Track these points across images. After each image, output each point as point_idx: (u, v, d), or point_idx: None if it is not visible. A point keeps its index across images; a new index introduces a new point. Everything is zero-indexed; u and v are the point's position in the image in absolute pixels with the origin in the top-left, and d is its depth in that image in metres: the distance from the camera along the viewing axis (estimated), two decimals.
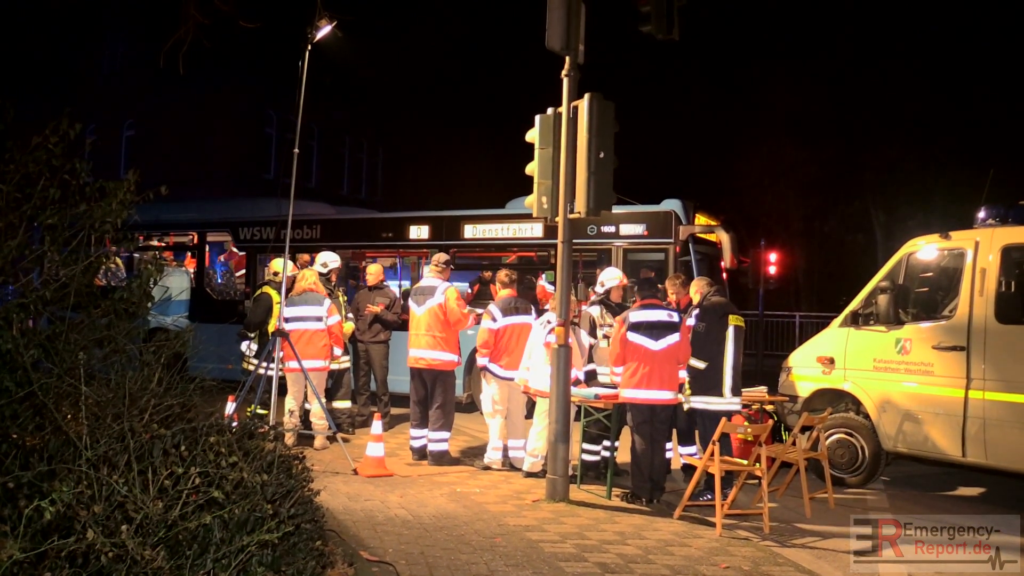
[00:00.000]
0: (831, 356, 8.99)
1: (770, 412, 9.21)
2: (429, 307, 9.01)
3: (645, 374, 7.61)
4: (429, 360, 8.97)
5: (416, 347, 9.03)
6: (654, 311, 7.79)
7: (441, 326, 8.95)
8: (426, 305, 9.05)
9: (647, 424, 7.67)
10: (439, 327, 8.96)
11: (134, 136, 27.39)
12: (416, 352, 9.04)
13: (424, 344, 8.98)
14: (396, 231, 13.37)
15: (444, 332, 8.96)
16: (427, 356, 8.98)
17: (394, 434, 10.64)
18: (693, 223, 11.42)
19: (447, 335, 8.98)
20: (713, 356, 7.69)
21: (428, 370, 8.99)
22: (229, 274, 15.59)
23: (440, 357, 8.96)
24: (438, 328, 8.96)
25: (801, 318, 23.08)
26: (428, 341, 8.97)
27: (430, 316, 8.99)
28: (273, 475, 4.36)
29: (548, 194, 7.76)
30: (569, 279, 7.75)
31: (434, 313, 8.98)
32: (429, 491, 7.75)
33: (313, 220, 13.94)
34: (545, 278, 12.74)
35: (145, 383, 4.76)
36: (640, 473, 7.65)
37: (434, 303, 9.00)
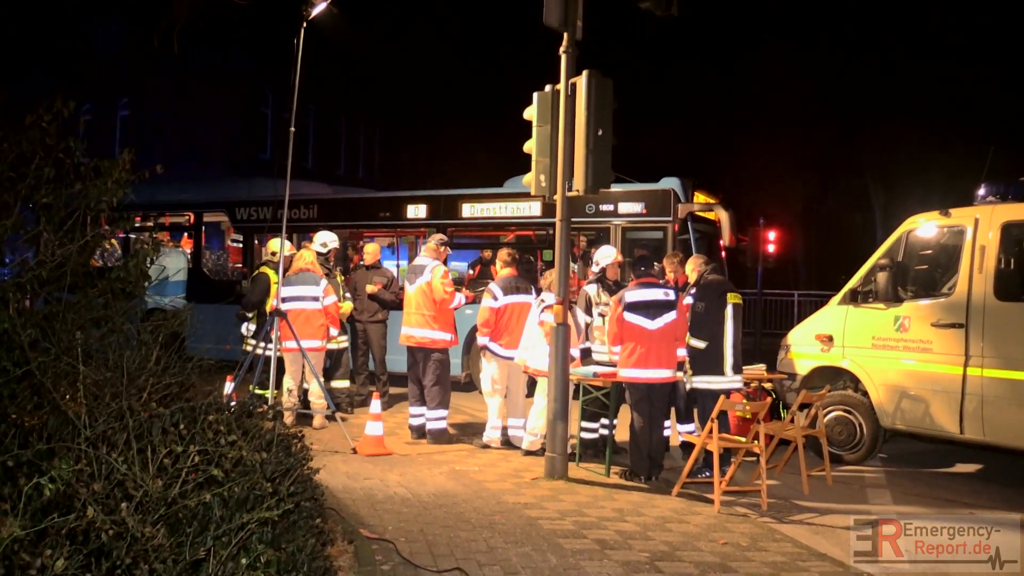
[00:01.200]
0: (830, 334, 9.00)
1: (768, 390, 9.23)
2: (418, 285, 9.06)
3: (642, 353, 7.62)
4: (418, 338, 9.00)
5: (407, 325, 9.10)
6: (650, 290, 7.79)
7: (429, 304, 8.98)
8: (416, 283, 9.09)
9: (645, 402, 7.70)
10: (427, 305, 8.99)
11: (129, 116, 27.28)
12: (407, 330, 9.09)
13: (414, 322, 9.03)
14: (393, 210, 13.35)
15: (432, 310, 8.98)
16: (416, 334, 9.01)
17: (393, 413, 10.67)
18: (692, 201, 11.40)
19: (436, 313, 8.99)
20: (713, 335, 7.70)
21: (418, 348, 9.03)
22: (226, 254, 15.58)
23: (429, 335, 8.99)
24: (427, 306, 8.98)
25: (800, 296, 23.11)
26: (418, 319, 9.01)
27: (419, 294, 9.03)
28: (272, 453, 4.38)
29: (546, 172, 7.74)
30: (567, 257, 7.74)
31: (422, 292, 9.02)
32: (428, 469, 7.79)
33: (310, 200, 13.91)
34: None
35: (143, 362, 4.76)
36: (638, 451, 7.68)
37: (423, 282, 9.03)
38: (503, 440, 8.95)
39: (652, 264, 8.23)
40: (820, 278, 27.35)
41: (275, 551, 3.81)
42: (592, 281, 8.99)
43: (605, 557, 5.45)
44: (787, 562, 5.52)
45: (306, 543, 4.13)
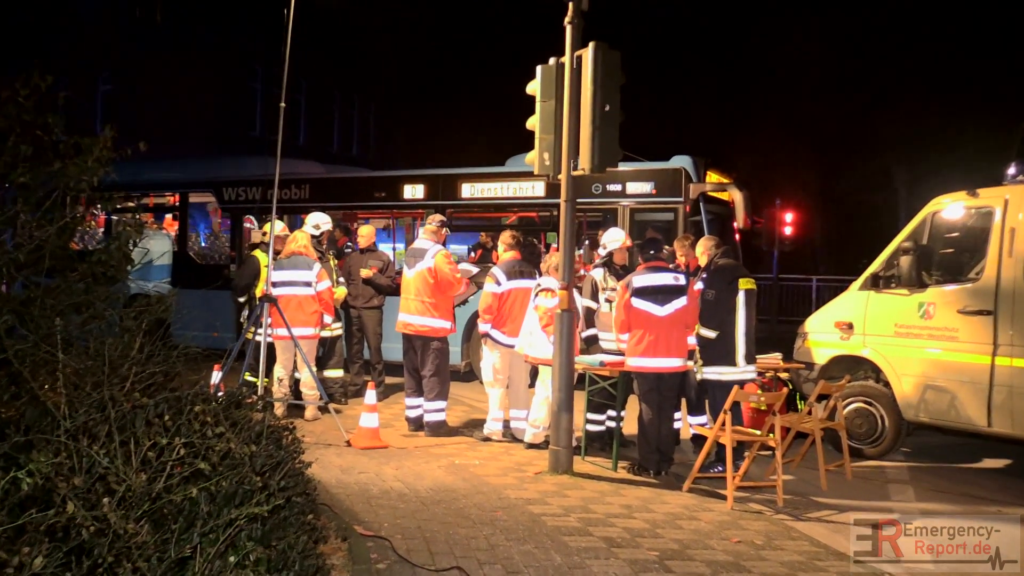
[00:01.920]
0: (850, 321, 8.99)
1: (785, 380, 9.23)
2: (418, 270, 9.01)
3: (651, 341, 7.61)
4: (417, 326, 8.98)
5: (405, 312, 9.06)
6: (659, 274, 7.77)
7: (430, 290, 8.95)
8: (416, 268, 9.05)
9: (654, 392, 7.69)
10: (428, 291, 8.95)
11: (111, 90, 27.19)
12: (405, 317, 9.06)
13: (413, 309, 9.00)
14: (389, 191, 13.32)
15: (434, 297, 8.95)
16: (415, 322, 8.99)
17: (389, 404, 10.69)
18: (704, 181, 11.37)
19: (437, 300, 8.97)
20: (724, 324, 7.67)
21: (417, 336, 9.02)
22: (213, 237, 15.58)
23: (429, 323, 8.97)
24: (427, 292, 8.95)
25: (818, 281, 23.09)
26: (417, 306, 8.98)
27: (419, 280, 9.00)
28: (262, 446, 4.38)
29: (550, 150, 7.71)
30: (572, 240, 7.72)
31: (423, 277, 8.98)
32: (426, 463, 7.80)
33: (302, 179, 13.90)
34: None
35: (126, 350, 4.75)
36: (647, 444, 7.69)
37: (423, 266, 8.99)
38: (505, 433, 8.95)
39: (661, 247, 8.21)
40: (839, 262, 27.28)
41: (265, 548, 3.81)
42: (598, 265, 8.98)
43: (612, 556, 5.45)
44: (804, 561, 5.53)
45: (297, 540, 4.14)
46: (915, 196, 23.53)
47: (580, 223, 12.12)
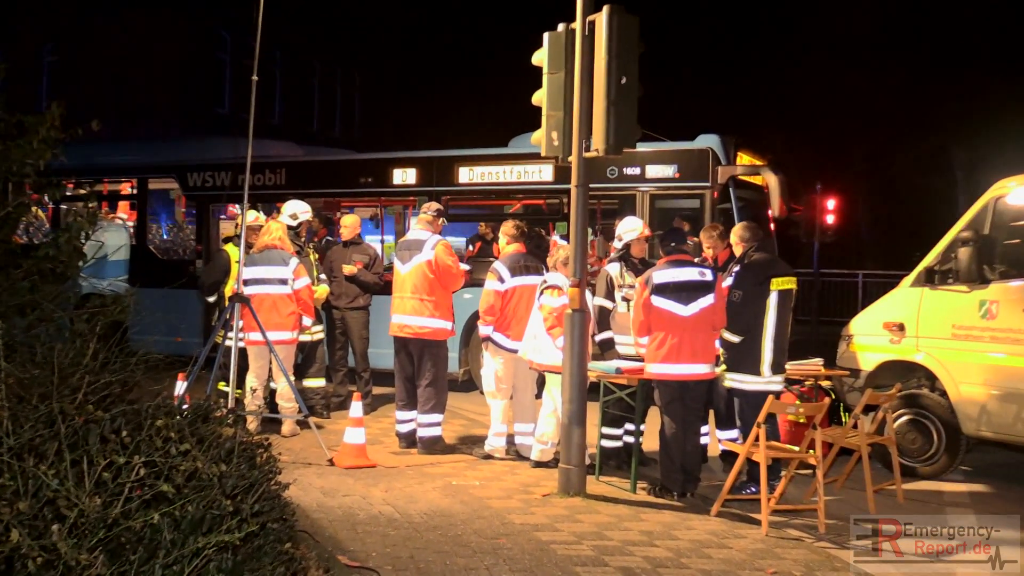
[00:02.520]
0: (901, 322, 8.98)
1: (826, 389, 9.23)
2: (416, 264, 9.00)
3: (674, 345, 7.61)
4: (416, 328, 8.98)
5: (400, 312, 9.05)
6: (682, 269, 7.76)
7: (430, 287, 8.95)
8: (413, 262, 9.02)
9: (678, 403, 7.70)
10: (427, 288, 8.95)
11: (57, 62, 27.15)
12: (400, 318, 9.05)
13: (410, 309, 8.99)
14: (377, 175, 13.33)
15: (434, 294, 8.95)
16: (414, 323, 8.99)
17: (377, 418, 10.71)
18: (734, 163, 11.36)
19: (438, 298, 8.98)
20: (750, 328, 7.66)
21: (415, 340, 9.02)
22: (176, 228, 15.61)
23: (429, 324, 8.97)
24: (426, 289, 8.96)
25: (864, 277, 23.04)
26: (414, 305, 8.97)
27: (417, 275, 8.98)
28: (233, 466, 4.38)
29: (559, 128, 7.71)
30: (585, 231, 7.72)
31: (422, 271, 8.97)
32: (419, 484, 7.81)
33: (277, 163, 13.91)
34: (557, 232, 12.74)
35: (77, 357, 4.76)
36: (670, 461, 7.69)
37: (422, 259, 8.98)
38: (508, 450, 8.97)
39: (686, 238, 8.20)
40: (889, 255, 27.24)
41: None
42: (614, 259, 8.98)
43: None
44: None
45: (273, 572, 4.14)
46: (975, 180, 23.50)
47: (593, 211, 12.13)
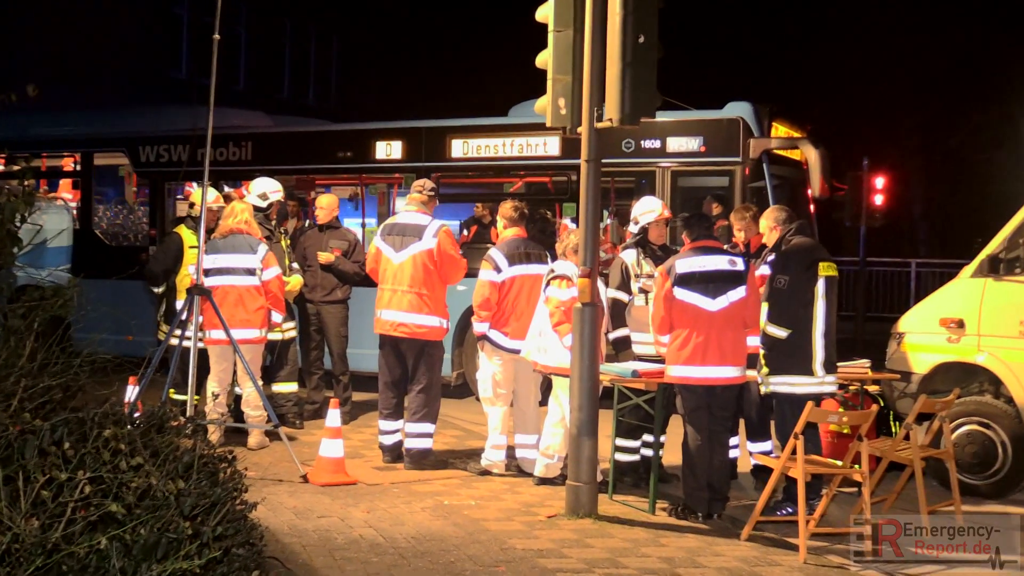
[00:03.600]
0: (960, 318, 8.99)
1: (874, 395, 9.23)
2: (415, 253, 8.94)
3: (699, 344, 7.60)
4: (412, 326, 8.96)
5: (394, 308, 9.01)
6: (710, 256, 7.75)
7: (430, 279, 8.92)
8: (409, 250, 8.96)
9: (703, 411, 7.69)
10: (425, 281, 8.91)
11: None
12: (393, 315, 9.01)
13: (406, 304, 8.95)
14: (357, 149, 13.33)
15: (433, 288, 8.93)
16: (410, 321, 8.96)
17: (357, 428, 10.72)
18: (769, 135, 11.35)
19: (436, 292, 8.95)
20: (799, 320, 7.63)
21: (410, 340, 9.00)
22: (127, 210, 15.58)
23: (426, 322, 8.95)
24: (424, 283, 8.91)
25: (918, 266, 23.09)
26: (412, 300, 8.93)
27: (415, 266, 8.93)
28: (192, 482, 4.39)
29: (567, 95, 7.70)
30: (596, 213, 7.71)
31: (422, 262, 8.92)
32: (406, 504, 7.82)
33: (242, 134, 13.91)
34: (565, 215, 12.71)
35: (12, 358, 4.76)
36: (694, 478, 7.69)
37: (422, 248, 8.93)
38: (509, 464, 8.98)
39: (713, 222, 8.19)
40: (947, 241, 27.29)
41: None
42: (630, 245, 8.96)
43: None
44: None
45: None
46: None
47: (606, 190, 12.10)
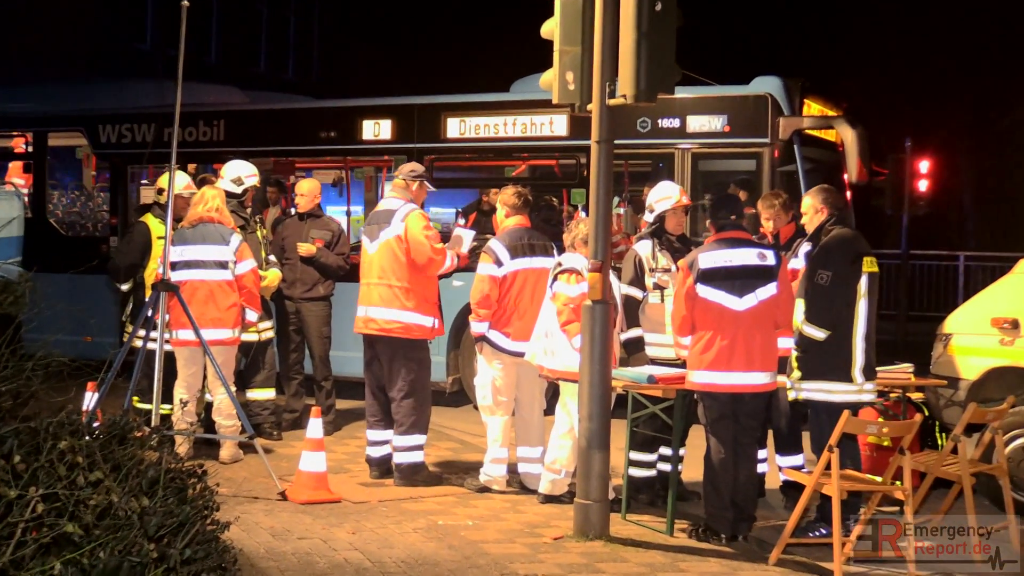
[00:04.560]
0: (1014, 317, 8.99)
1: (917, 403, 9.23)
2: (384, 241, 8.96)
3: (724, 347, 7.59)
4: (383, 323, 8.95)
5: (366, 303, 9.03)
6: (738, 250, 7.73)
7: (402, 270, 8.91)
8: (380, 238, 8.99)
9: (728, 421, 7.69)
10: (398, 272, 8.89)
11: None
12: (364, 311, 9.04)
13: (376, 298, 8.96)
14: (342, 128, 13.34)
15: (407, 280, 8.89)
16: (380, 316, 8.96)
17: (342, 439, 10.73)
18: (800, 113, 11.36)
19: (413, 285, 8.90)
20: (839, 320, 7.61)
21: (384, 339, 9.00)
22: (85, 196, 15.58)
23: (400, 319, 8.92)
24: (396, 273, 8.89)
25: (967, 260, 23.04)
26: (381, 294, 8.93)
27: (385, 255, 8.94)
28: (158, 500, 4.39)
29: (576, 68, 7.70)
30: (608, 200, 7.70)
31: (390, 250, 8.92)
32: (396, 525, 7.82)
33: (214, 112, 13.91)
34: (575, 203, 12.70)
35: None
36: (717, 496, 7.69)
37: (390, 234, 8.94)
38: (511, 480, 8.99)
39: (741, 209, 8.16)
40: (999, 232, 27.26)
41: None
42: (645, 236, 8.94)
43: None
44: None
45: None
46: None
47: (619, 175, 12.10)
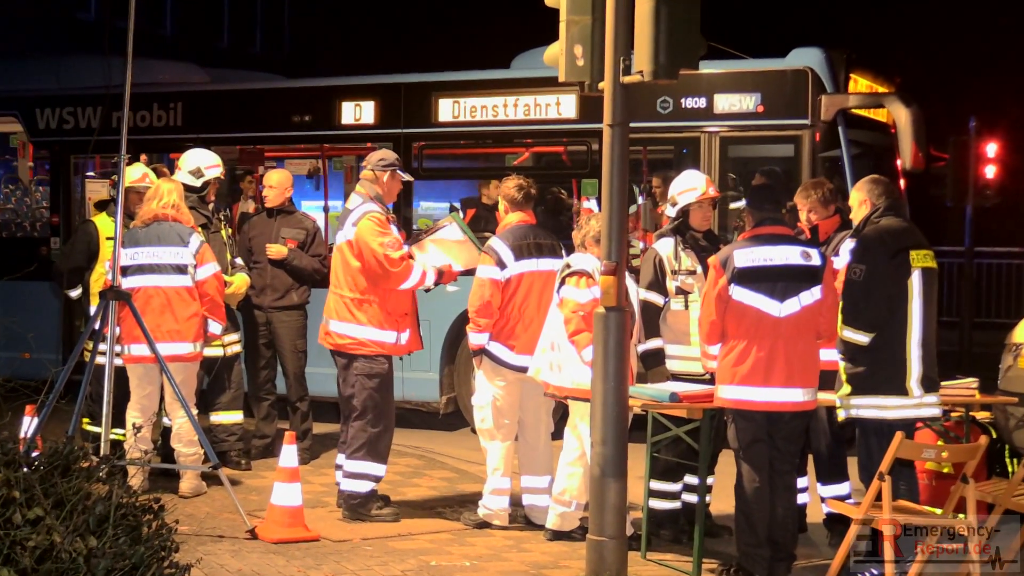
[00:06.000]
0: None
1: (983, 424, 9.23)
2: (337, 246, 9.16)
3: (761, 359, 7.59)
4: (336, 336, 9.08)
5: (325, 312, 9.22)
6: (778, 248, 7.72)
7: (353, 280, 8.97)
8: (335, 242, 9.26)
9: (763, 445, 7.69)
10: (349, 281, 8.98)
11: None
12: (325, 321, 9.20)
13: (331, 308, 9.13)
14: (317, 111, 13.39)
15: (359, 291, 8.95)
16: (334, 330, 9.09)
17: (320, 469, 10.73)
18: (846, 91, 11.36)
19: (369, 296, 8.95)
20: (882, 322, 7.62)
21: (335, 353, 9.16)
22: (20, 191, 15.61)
23: (353, 333, 9.00)
24: (348, 283, 8.98)
25: None
26: (332, 303, 9.13)
27: (336, 261, 9.13)
28: (107, 540, 4.41)
29: (586, 41, 7.71)
30: (624, 191, 7.71)
31: (342, 257, 9.04)
32: (382, 566, 7.82)
33: (170, 93, 13.96)
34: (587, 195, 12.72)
35: None
36: (751, 531, 7.69)
37: (341, 240, 9.06)
38: (514, 514, 9.01)
39: (780, 201, 8.16)
40: None
41: None
42: (666, 233, 8.94)
43: None
44: None
45: None
46: None
47: (637, 163, 12.10)
